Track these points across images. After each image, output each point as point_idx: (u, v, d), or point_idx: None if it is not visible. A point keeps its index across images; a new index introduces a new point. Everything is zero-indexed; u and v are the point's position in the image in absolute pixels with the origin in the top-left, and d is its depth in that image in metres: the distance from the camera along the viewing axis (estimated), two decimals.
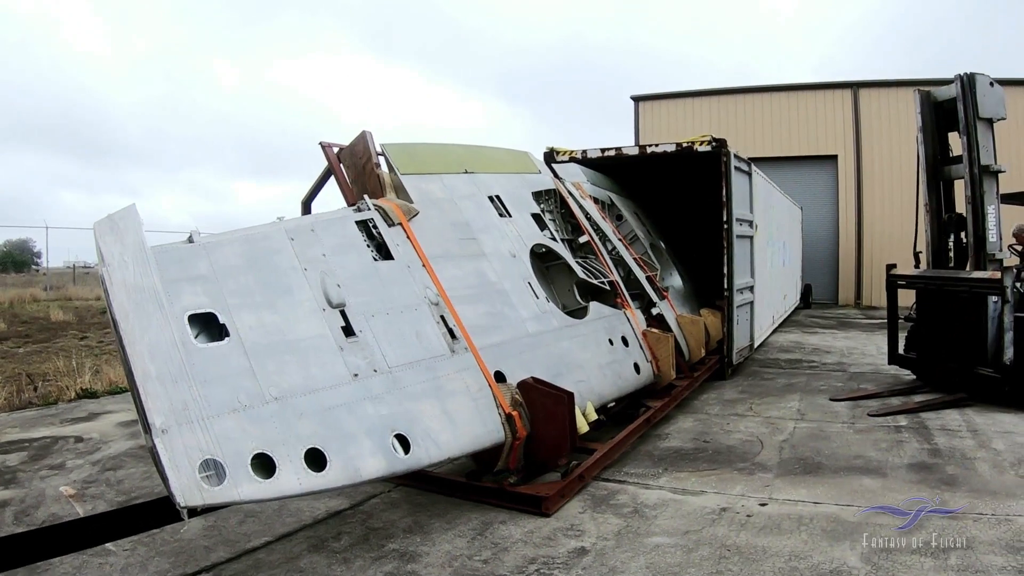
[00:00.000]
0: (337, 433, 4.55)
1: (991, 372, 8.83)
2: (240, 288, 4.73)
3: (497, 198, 7.53)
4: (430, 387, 5.28)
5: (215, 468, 3.93)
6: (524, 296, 6.84)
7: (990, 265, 9.07)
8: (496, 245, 6.98)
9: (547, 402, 5.73)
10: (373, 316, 5.30)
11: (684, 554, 4.73)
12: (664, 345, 8.48)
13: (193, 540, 5.18)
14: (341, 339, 5.00)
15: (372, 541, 5.13)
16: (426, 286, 5.87)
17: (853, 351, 14.34)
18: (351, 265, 5.47)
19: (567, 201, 8.95)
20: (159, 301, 4.28)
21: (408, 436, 4.87)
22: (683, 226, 13.94)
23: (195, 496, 3.77)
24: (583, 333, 7.35)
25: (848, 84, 26.10)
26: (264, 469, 4.13)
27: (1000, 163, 9.22)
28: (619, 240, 9.77)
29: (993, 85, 9.28)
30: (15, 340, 17.17)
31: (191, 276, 4.57)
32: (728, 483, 6.23)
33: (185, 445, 3.87)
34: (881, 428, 8.00)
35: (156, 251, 4.50)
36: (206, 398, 4.11)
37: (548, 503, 5.44)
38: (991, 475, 6.27)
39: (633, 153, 11.59)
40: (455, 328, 5.80)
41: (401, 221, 6.13)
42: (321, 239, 5.42)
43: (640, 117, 29.07)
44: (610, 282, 8.51)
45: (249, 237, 5.07)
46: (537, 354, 6.49)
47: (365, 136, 6.73)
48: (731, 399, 9.81)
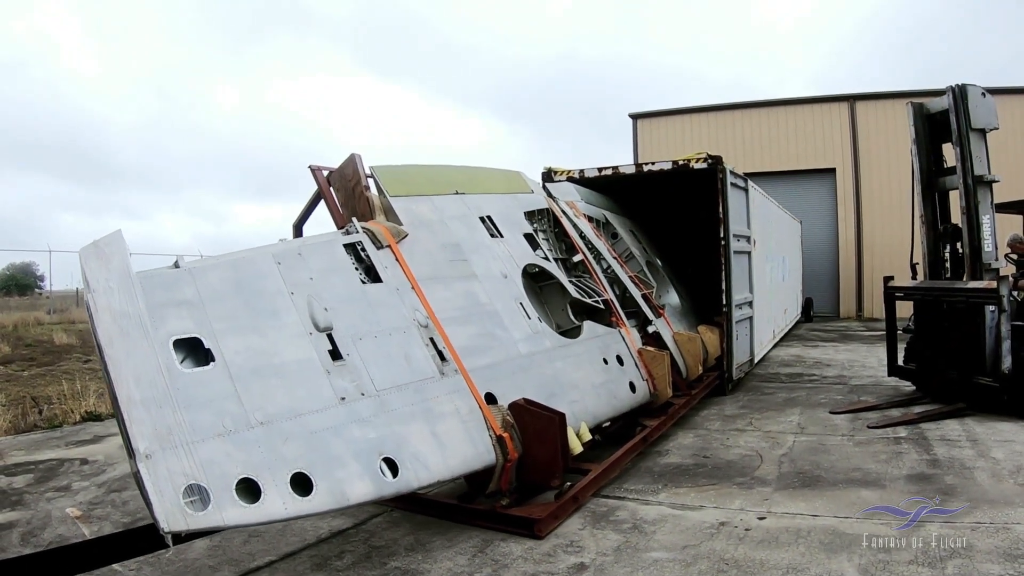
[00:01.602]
0: (323, 457, 4.52)
1: (990, 381, 8.84)
2: (226, 313, 4.72)
3: (488, 219, 7.51)
4: (419, 410, 5.24)
5: (200, 493, 3.91)
6: (516, 317, 6.81)
7: (986, 275, 9.04)
8: (487, 266, 6.95)
9: (538, 423, 5.69)
10: (361, 339, 5.27)
11: (682, 568, 4.76)
12: (660, 363, 8.43)
13: (198, 559, 5.23)
14: (328, 362, 4.97)
15: (374, 559, 5.17)
16: (415, 308, 5.84)
17: (854, 364, 14.32)
18: (339, 288, 5.46)
19: (560, 220, 8.94)
20: (144, 326, 4.27)
21: (396, 459, 4.83)
22: (682, 243, 13.96)
23: (179, 521, 3.75)
24: (577, 353, 7.31)
25: (845, 97, 26.19)
26: (249, 494, 4.11)
27: (994, 173, 9.24)
28: (614, 258, 9.75)
29: (985, 96, 9.29)
30: (19, 363, 17.18)
31: (177, 301, 4.56)
32: (727, 498, 6.25)
33: (169, 470, 3.85)
34: (881, 440, 8.01)
35: (142, 276, 4.50)
36: (191, 423, 4.10)
37: (540, 525, 5.39)
38: (990, 484, 6.28)
39: (630, 172, 11.64)
40: (445, 350, 5.76)
41: (390, 243, 6.11)
42: (308, 263, 5.41)
43: (639, 135, 29.23)
44: (604, 301, 8.47)
45: (235, 262, 5.07)
46: (529, 375, 6.45)
47: (354, 159, 6.74)
48: (731, 414, 9.81)
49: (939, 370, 9.62)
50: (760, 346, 13.66)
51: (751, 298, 12.51)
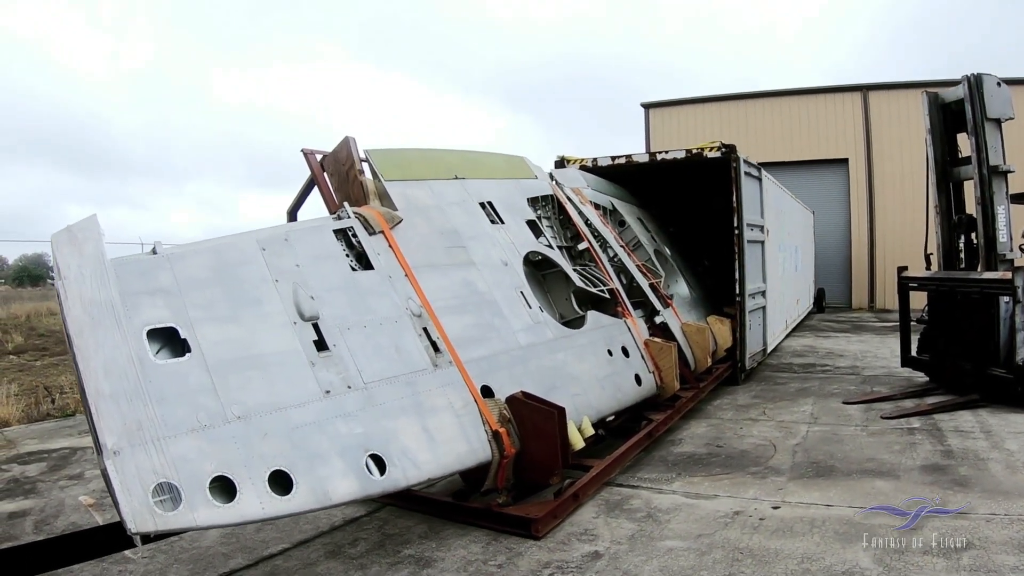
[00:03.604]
0: (305, 454, 4.28)
1: (1004, 373, 8.78)
2: (204, 301, 4.50)
3: (489, 204, 7.22)
4: (409, 404, 4.98)
5: (170, 492, 3.72)
6: (516, 306, 6.52)
7: (1001, 266, 9.07)
8: (487, 253, 6.66)
9: (537, 418, 5.41)
10: (349, 329, 5.02)
11: (697, 557, 4.74)
12: (667, 355, 8.12)
13: (211, 547, 5.23)
14: (313, 354, 4.72)
15: (388, 547, 5.16)
16: (408, 297, 5.58)
17: (866, 354, 14.30)
18: (327, 276, 5.20)
19: (565, 207, 8.63)
20: (117, 315, 4.08)
21: (384, 456, 4.58)
22: (695, 233, 13.95)
23: (147, 522, 3.58)
24: (580, 344, 7.01)
25: (858, 87, 25.94)
26: (224, 493, 3.91)
27: (1009, 163, 9.20)
28: (621, 247, 9.44)
29: (1000, 85, 9.26)
30: (32, 353, 17.40)
31: (152, 289, 4.36)
32: (741, 487, 6.22)
33: (138, 467, 3.68)
34: (894, 431, 7.95)
35: (116, 263, 4.31)
36: (163, 417, 3.91)
37: (538, 525, 5.13)
38: (1004, 475, 6.23)
39: (643, 160, 11.61)
40: (439, 341, 5.50)
41: (383, 229, 5.85)
42: (296, 249, 5.16)
43: (651, 124, 29.03)
44: (610, 290, 8.17)
45: (217, 248, 4.84)
46: (528, 367, 6.16)
47: (348, 142, 6.48)
48: (744, 404, 9.79)
49: (953, 361, 9.56)
50: (773, 336, 13.62)
51: (764, 288, 12.47)
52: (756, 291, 11.89)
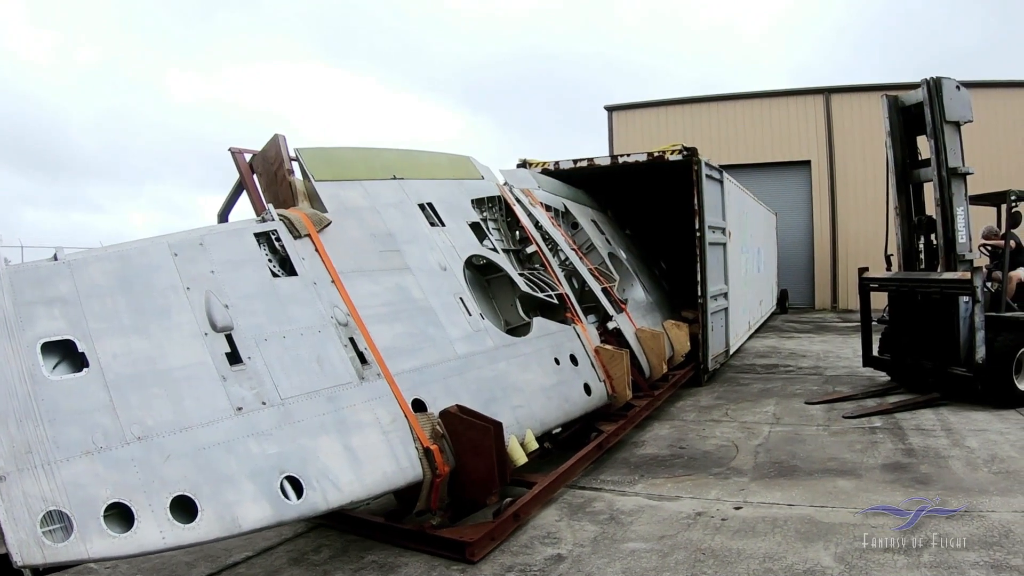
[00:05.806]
0: (212, 477, 3.95)
1: (964, 371, 8.90)
2: (106, 311, 4.16)
3: (429, 206, 6.87)
4: (330, 420, 4.62)
5: (61, 520, 3.42)
6: (454, 313, 6.17)
7: (960, 266, 9.08)
8: (423, 257, 6.31)
9: (472, 433, 5.06)
10: (266, 340, 4.66)
11: (660, 558, 4.76)
12: (619, 362, 7.83)
13: (174, 556, 5.04)
14: (224, 367, 4.37)
15: (351, 553, 5.10)
16: (334, 305, 5.22)
17: (829, 355, 14.37)
18: (245, 283, 4.84)
19: (513, 208, 8.32)
20: (8, 327, 3.77)
21: (301, 478, 4.24)
22: (658, 236, 13.95)
23: (35, 554, 3.30)
24: (524, 353, 6.68)
25: (820, 90, 26.03)
26: (121, 521, 3.60)
27: (968, 165, 9.23)
28: (573, 249, 9.16)
29: (960, 89, 9.28)
30: None
31: (49, 298, 4.02)
32: (703, 488, 6.25)
33: (26, 494, 3.40)
34: (856, 430, 8.02)
35: (11, 271, 4.03)
36: (54, 439, 3.61)
37: (473, 548, 4.78)
38: (964, 472, 6.32)
39: (606, 164, 11.56)
40: (366, 351, 5.15)
41: (310, 232, 5.49)
42: (211, 254, 4.80)
43: (614, 126, 28.91)
44: (559, 295, 7.86)
45: (124, 254, 4.48)
46: (466, 378, 5.82)
47: (278, 140, 6.13)
48: (707, 405, 9.80)
49: (914, 360, 9.65)
50: (735, 337, 13.59)
51: (726, 289, 12.45)
52: (718, 293, 11.86)
